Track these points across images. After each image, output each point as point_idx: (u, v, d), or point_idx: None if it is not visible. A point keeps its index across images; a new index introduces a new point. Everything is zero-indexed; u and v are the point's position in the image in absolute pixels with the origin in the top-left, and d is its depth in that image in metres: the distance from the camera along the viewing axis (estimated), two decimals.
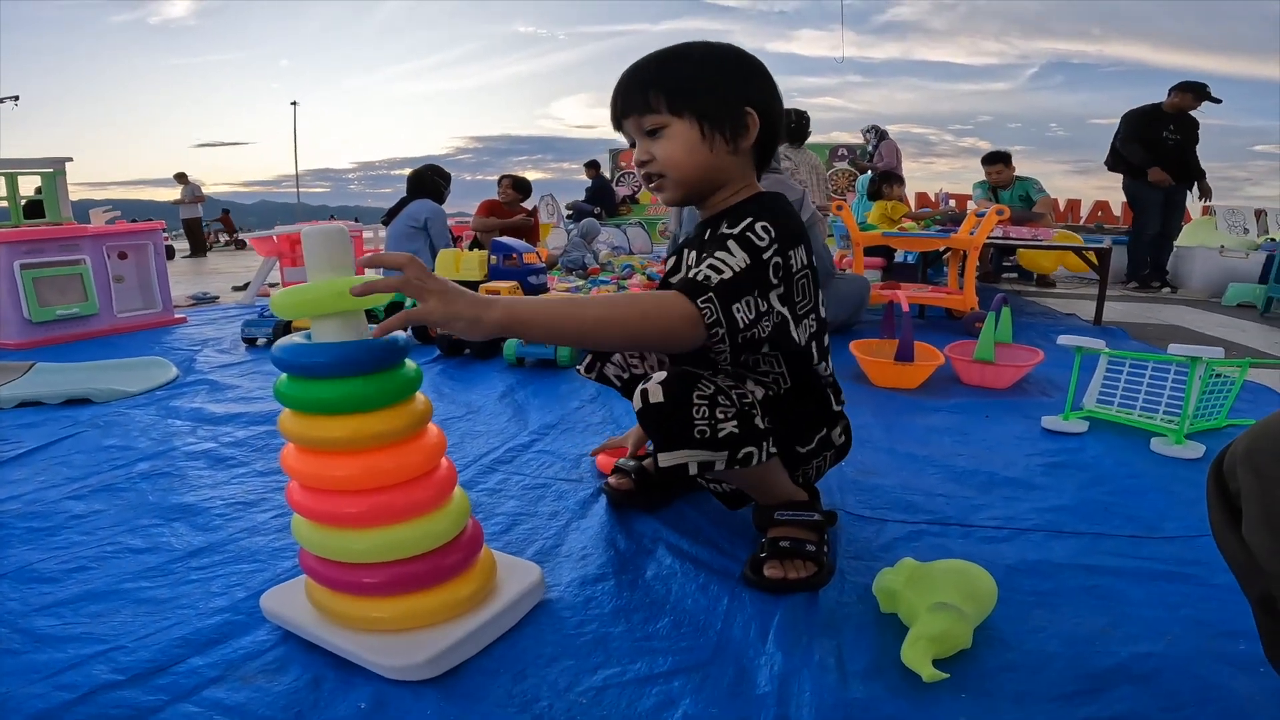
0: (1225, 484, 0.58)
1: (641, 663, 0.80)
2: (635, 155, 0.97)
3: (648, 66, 0.94)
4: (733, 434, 0.88)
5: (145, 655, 0.81)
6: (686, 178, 0.94)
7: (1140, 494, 1.26)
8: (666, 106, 0.91)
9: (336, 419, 0.77)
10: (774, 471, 0.99)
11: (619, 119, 0.97)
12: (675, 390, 0.88)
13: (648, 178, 0.97)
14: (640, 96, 0.92)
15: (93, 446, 1.55)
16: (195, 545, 1.09)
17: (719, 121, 0.92)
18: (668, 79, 0.92)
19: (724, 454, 0.89)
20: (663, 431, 0.89)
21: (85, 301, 2.92)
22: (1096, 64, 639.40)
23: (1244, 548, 0.56)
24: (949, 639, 0.77)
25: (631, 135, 0.97)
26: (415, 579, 0.80)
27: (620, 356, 1.19)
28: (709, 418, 0.87)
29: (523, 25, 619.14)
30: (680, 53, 0.94)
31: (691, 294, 0.81)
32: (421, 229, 3.85)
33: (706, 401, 0.87)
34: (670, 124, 0.92)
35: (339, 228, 0.77)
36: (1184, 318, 3.51)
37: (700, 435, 0.87)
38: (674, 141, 0.92)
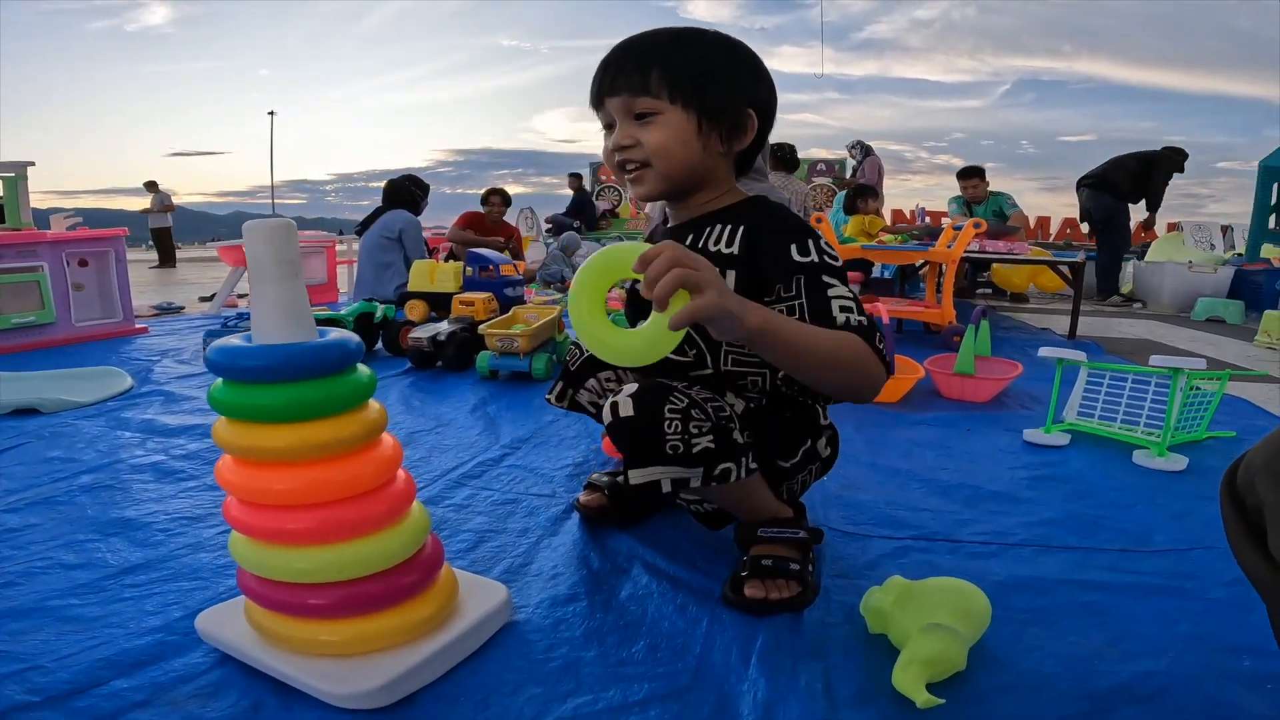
0: (1242, 498, 0.55)
1: (615, 690, 0.74)
2: (615, 138, 0.88)
3: (653, 44, 0.87)
4: (708, 449, 0.82)
5: (64, 676, 0.75)
6: (672, 172, 0.88)
7: (1127, 507, 1.23)
8: (667, 92, 0.85)
9: (279, 428, 0.71)
10: (755, 488, 0.94)
11: (604, 94, 0.88)
12: (646, 404, 0.82)
13: (623, 165, 0.89)
14: (639, 76, 0.85)
15: (35, 458, 1.46)
16: (132, 561, 1.01)
17: (718, 118, 0.87)
18: (674, 63, 0.85)
19: (699, 470, 0.83)
20: (633, 447, 0.83)
21: (42, 309, 2.81)
22: (1066, 80, 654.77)
23: (1271, 566, 0.53)
24: (943, 661, 0.73)
25: (612, 115, 0.89)
26: (367, 600, 0.73)
27: (595, 382, 1.11)
28: (682, 432, 0.81)
29: (506, 38, 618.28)
30: (691, 37, 0.87)
31: (869, 338, 0.81)
32: (396, 240, 3.78)
33: (679, 416, 0.81)
34: (666, 111, 0.85)
35: (286, 221, 0.71)
36: (1155, 332, 3.54)
37: (673, 451, 0.81)
38: (667, 130, 0.86)
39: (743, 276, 0.89)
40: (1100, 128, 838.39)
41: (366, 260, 3.77)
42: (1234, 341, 3.29)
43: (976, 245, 3.30)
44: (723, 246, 0.91)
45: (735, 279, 0.89)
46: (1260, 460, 0.51)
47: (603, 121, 0.91)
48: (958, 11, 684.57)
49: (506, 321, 2.31)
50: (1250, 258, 5.28)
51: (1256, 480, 0.51)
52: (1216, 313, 4.07)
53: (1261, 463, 0.51)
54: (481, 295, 2.54)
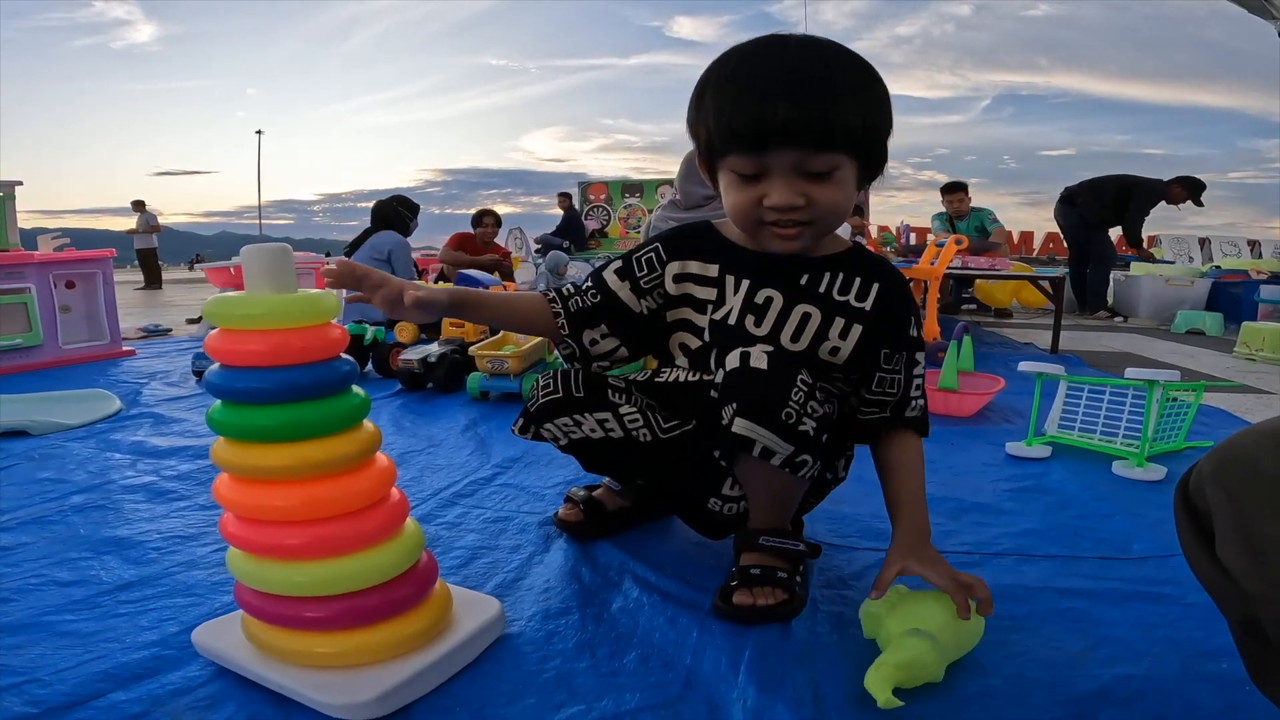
0: (1193, 505, 0.57)
1: (608, 700, 0.75)
2: (780, 197, 0.78)
3: (833, 87, 0.75)
4: (807, 435, 0.82)
5: (62, 689, 0.76)
6: (832, 227, 0.84)
7: (1106, 517, 1.25)
8: (849, 147, 0.77)
9: (277, 447, 0.72)
10: (798, 492, 0.94)
11: (772, 142, 0.76)
12: (781, 365, 0.80)
13: (779, 223, 0.81)
14: (824, 128, 0.74)
15: (25, 479, 1.46)
16: (126, 579, 1.02)
17: (874, 166, 0.82)
18: (858, 114, 0.76)
19: (790, 450, 0.82)
20: (752, 397, 0.80)
21: (29, 332, 2.80)
22: (1044, 95, 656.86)
23: (1219, 569, 0.55)
24: (917, 667, 0.74)
25: (770, 168, 0.78)
26: (363, 613, 0.75)
27: (553, 428, 1.03)
28: (801, 405, 0.80)
29: (493, 58, 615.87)
30: (862, 75, 0.79)
31: (922, 431, 0.97)
32: (385, 261, 3.79)
33: (805, 390, 0.81)
34: (843, 166, 0.78)
35: (282, 246, 0.73)
36: (1135, 345, 3.60)
37: (786, 418, 0.79)
38: (843, 188, 0.79)
39: (868, 333, 0.91)
40: (1078, 141, 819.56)
41: None
42: (1213, 353, 3.35)
43: (959, 261, 3.35)
44: (852, 299, 0.91)
45: (861, 334, 0.91)
46: (1209, 469, 0.54)
47: (747, 170, 0.79)
48: (937, 28, 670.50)
49: (497, 343, 2.32)
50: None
51: (1206, 488, 0.54)
52: (1196, 325, 4.14)
53: (1210, 472, 0.54)
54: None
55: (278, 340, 0.71)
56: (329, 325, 0.75)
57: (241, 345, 0.71)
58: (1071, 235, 5.05)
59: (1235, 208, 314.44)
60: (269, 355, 0.71)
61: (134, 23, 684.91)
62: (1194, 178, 4.81)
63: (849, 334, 0.91)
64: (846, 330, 0.91)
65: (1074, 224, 4.93)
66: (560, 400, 1.02)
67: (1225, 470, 0.53)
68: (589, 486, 1.20)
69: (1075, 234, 4.99)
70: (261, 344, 0.70)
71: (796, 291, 0.91)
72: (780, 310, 0.91)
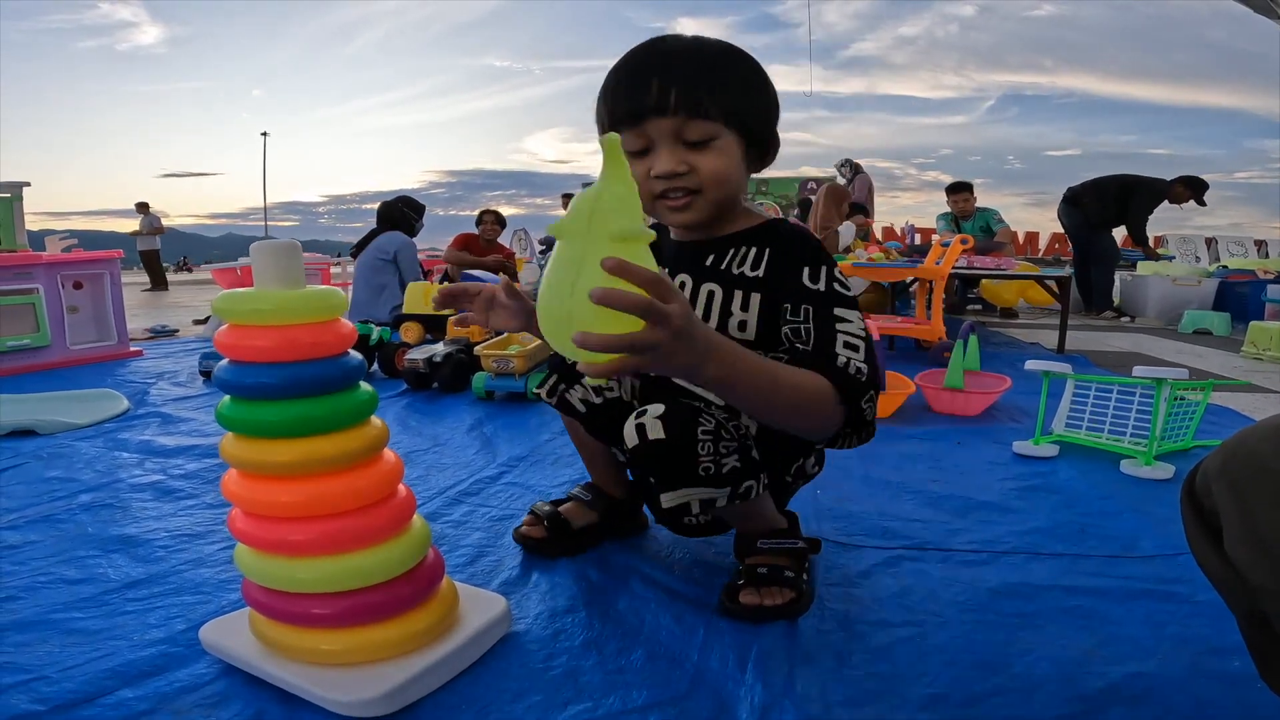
0: (1200, 502, 0.58)
1: (615, 697, 0.75)
2: (662, 165, 0.81)
3: (703, 61, 0.81)
4: (735, 468, 0.83)
5: (70, 686, 0.76)
6: (723, 199, 0.85)
7: (1114, 515, 1.25)
8: (723, 116, 0.80)
9: (286, 443, 0.72)
10: (764, 501, 0.95)
11: (648, 113, 0.80)
12: (677, 426, 0.80)
13: (668, 193, 0.83)
14: (692, 98, 0.79)
15: (34, 478, 1.47)
16: (134, 576, 1.02)
17: (759, 141, 0.85)
18: (729, 84, 0.81)
19: (727, 490, 0.84)
20: (664, 470, 0.82)
21: (37, 333, 2.81)
22: (1049, 95, 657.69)
23: (1227, 564, 0.56)
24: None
25: (652, 138, 0.82)
26: (369, 610, 0.75)
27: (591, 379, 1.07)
28: (713, 453, 0.81)
29: (497, 59, 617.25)
30: (735, 56, 0.83)
31: (853, 393, 0.78)
32: (390, 262, 3.79)
33: (711, 437, 0.81)
34: (722, 136, 0.81)
35: (291, 242, 0.74)
36: (1142, 344, 3.58)
37: (705, 472, 0.81)
38: (725, 156, 0.82)
39: (767, 299, 0.89)
40: (1083, 142, 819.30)
41: (361, 282, 3.79)
42: (1220, 353, 3.33)
43: (965, 261, 3.34)
44: (747, 269, 0.90)
45: (760, 301, 0.89)
46: (1215, 466, 0.54)
47: (634, 146, 0.83)
48: (941, 29, 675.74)
49: (502, 343, 2.32)
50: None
51: (1212, 485, 0.54)
52: (1203, 325, 4.12)
53: (1216, 468, 0.54)
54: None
55: (286, 336, 0.71)
56: (337, 321, 0.75)
57: (250, 341, 0.71)
58: (1075, 235, 5.04)
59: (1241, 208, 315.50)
60: (278, 350, 0.71)
61: (139, 24, 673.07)
62: (1197, 177, 4.79)
63: (749, 305, 0.89)
64: (746, 301, 0.89)
65: (1078, 224, 4.92)
66: None
67: (1231, 467, 0.53)
68: (555, 501, 1.15)
69: (1079, 234, 4.97)
70: (270, 339, 0.71)
71: (703, 272, 0.91)
72: (690, 294, 0.92)
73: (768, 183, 12.14)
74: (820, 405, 0.77)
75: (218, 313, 0.73)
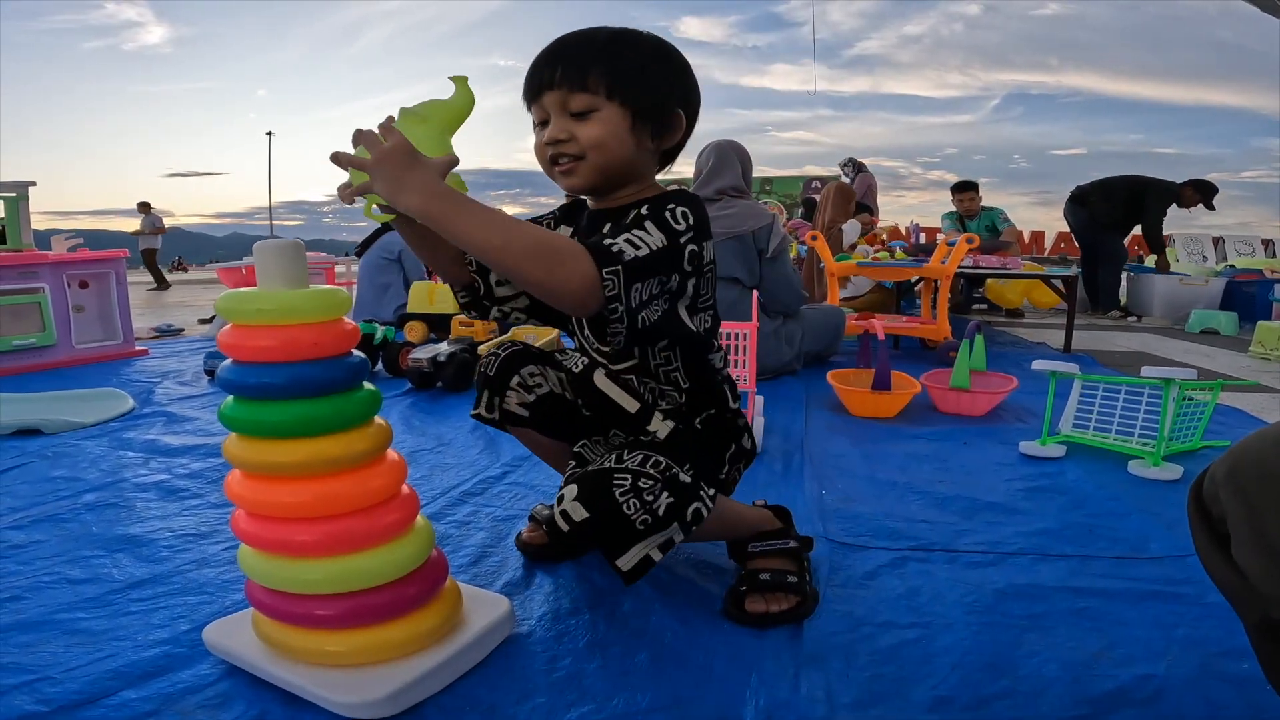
0: (1208, 509, 0.57)
1: (619, 699, 0.75)
2: (550, 133, 0.88)
3: (589, 44, 0.88)
4: (670, 503, 0.83)
5: (73, 687, 0.76)
6: (607, 165, 0.88)
7: (1122, 516, 1.24)
8: (605, 90, 0.86)
9: (290, 443, 0.72)
10: (726, 510, 0.95)
11: (542, 89, 0.88)
12: (596, 499, 0.81)
13: (556, 159, 0.89)
14: (576, 73, 0.86)
15: (38, 477, 1.47)
16: (138, 576, 1.02)
17: (650, 116, 0.89)
18: (611, 63, 0.86)
19: (675, 525, 0.84)
20: (605, 541, 0.83)
21: (43, 332, 2.82)
22: (1054, 94, 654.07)
23: (1235, 571, 0.55)
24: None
25: (547, 111, 0.89)
26: (373, 611, 0.74)
27: (519, 379, 1.03)
28: (642, 505, 0.81)
29: (501, 59, 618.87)
30: (628, 38, 0.89)
31: (600, 260, 0.75)
32: (395, 261, 3.80)
33: (631, 492, 0.81)
34: (602, 108, 0.86)
35: (294, 241, 0.73)
36: (1149, 344, 3.56)
37: (644, 525, 0.81)
38: (604, 126, 0.87)
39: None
40: (1089, 141, 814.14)
41: (366, 281, 3.80)
42: (1228, 353, 3.31)
43: (970, 261, 3.33)
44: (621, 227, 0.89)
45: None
46: (1223, 472, 0.54)
47: (536, 118, 0.92)
48: (945, 28, 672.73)
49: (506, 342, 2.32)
50: None
51: (1220, 491, 0.54)
52: (1210, 325, 4.10)
53: (1224, 475, 0.54)
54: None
55: (289, 335, 0.71)
56: (340, 321, 0.75)
57: (254, 340, 0.71)
58: (1081, 235, 5.02)
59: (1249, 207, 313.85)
60: (281, 350, 0.71)
61: (145, 24, 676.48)
62: (1206, 181, 4.77)
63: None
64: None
65: (1083, 223, 4.90)
66: (521, 351, 1.06)
67: (1239, 473, 0.53)
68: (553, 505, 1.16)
69: (1084, 233, 4.96)
70: (273, 339, 0.71)
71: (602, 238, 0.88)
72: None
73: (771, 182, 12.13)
74: (562, 255, 0.75)
75: (220, 312, 0.72)
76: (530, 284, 0.76)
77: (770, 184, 11.97)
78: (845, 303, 3.88)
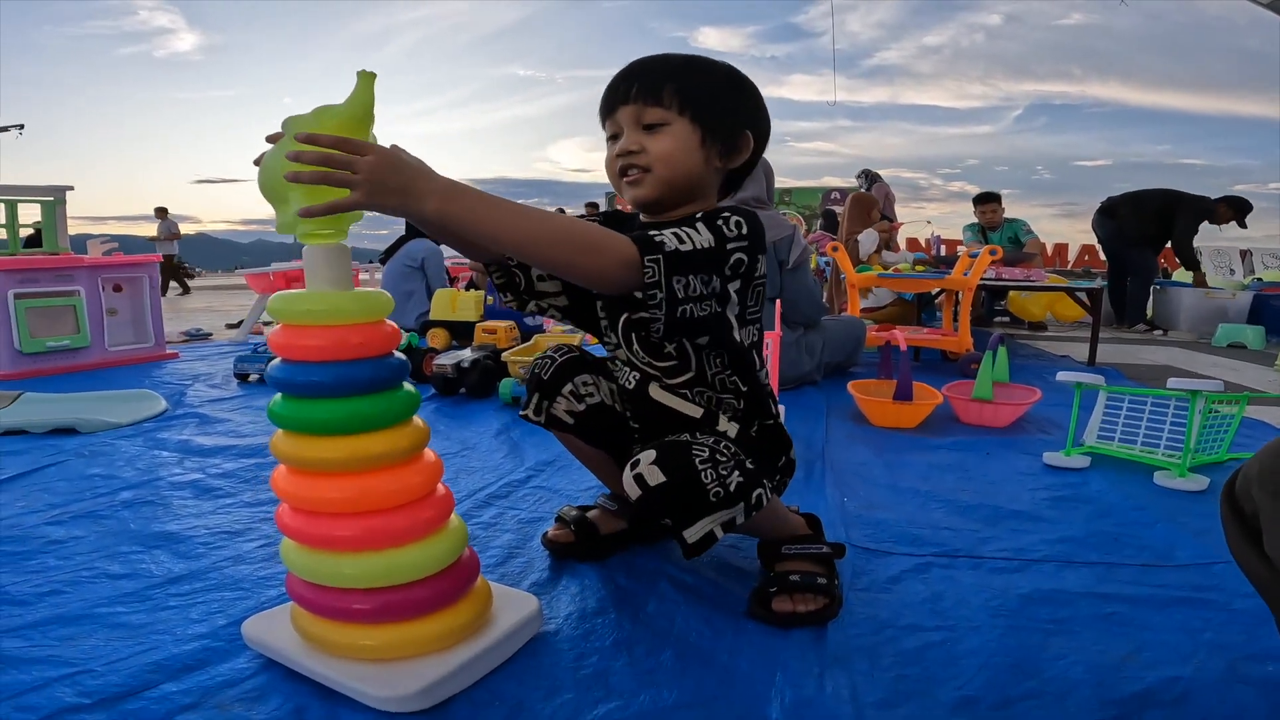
0: (1240, 505, 0.59)
1: (645, 696, 0.76)
2: (621, 144, 0.92)
3: (667, 64, 0.93)
4: (741, 483, 0.85)
5: (114, 680, 0.78)
6: (672, 178, 0.91)
7: (1148, 525, 1.24)
8: (677, 106, 0.90)
9: (335, 440, 0.75)
10: (775, 507, 0.97)
11: (617, 103, 0.92)
12: (675, 464, 0.83)
13: (625, 170, 0.92)
14: (651, 88, 0.90)
15: (76, 475, 1.51)
16: (176, 572, 1.05)
17: (720, 135, 0.92)
18: (686, 81, 0.91)
19: (741, 505, 0.86)
20: (678, 509, 0.85)
21: (77, 334, 2.89)
22: (1078, 104, 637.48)
23: (1267, 565, 0.56)
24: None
25: (621, 125, 0.93)
26: (408, 606, 0.76)
27: (571, 386, 1.05)
28: (717, 477, 0.84)
29: (521, 68, 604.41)
30: (704, 63, 0.94)
31: (642, 248, 0.77)
32: (418, 269, 3.85)
33: (709, 463, 0.84)
34: (673, 123, 0.90)
35: (341, 245, 0.76)
36: (1175, 358, 3.52)
37: (716, 497, 0.84)
38: (674, 140, 0.90)
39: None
40: (1115, 152, 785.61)
41: (389, 288, 3.84)
42: (1255, 367, 3.27)
43: (993, 273, 3.32)
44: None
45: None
46: (1255, 471, 0.55)
47: (609, 132, 0.95)
48: (966, 38, 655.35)
49: (529, 349, 2.35)
50: None
51: (1253, 489, 0.55)
52: (1237, 338, 4.04)
53: (1256, 473, 0.55)
54: (504, 323, 2.59)
55: (337, 336, 0.73)
56: (384, 322, 0.77)
57: (303, 340, 0.74)
58: (1108, 247, 4.97)
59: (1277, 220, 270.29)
60: (329, 350, 0.73)
61: (176, 31, 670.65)
62: (1241, 198, 4.70)
63: None
64: None
65: (1111, 236, 4.85)
66: (578, 358, 1.07)
67: (1272, 471, 0.54)
68: (582, 507, 1.16)
69: (1112, 246, 4.91)
70: (322, 339, 0.73)
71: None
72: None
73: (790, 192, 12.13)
74: (601, 239, 0.77)
75: (272, 313, 0.75)
76: (569, 269, 0.78)
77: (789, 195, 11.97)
78: (865, 314, 3.87)
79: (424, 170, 0.72)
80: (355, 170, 0.67)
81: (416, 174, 0.71)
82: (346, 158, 0.67)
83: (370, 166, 0.68)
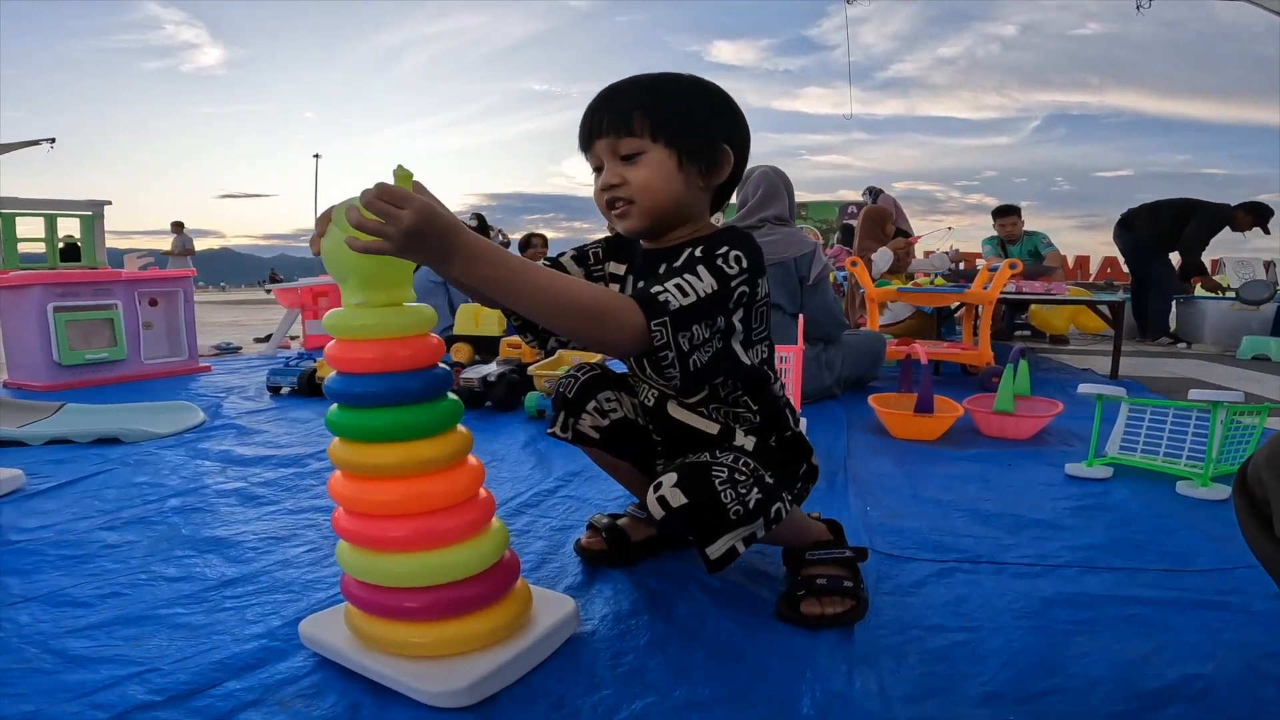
0: (1252, 492, 0.62)
1: (681, 691, 0.79)
2: (603, 179, 0.92)
3: (633, 90, 0.92)
4: (760, 499, 0.89)
5: (182, 678, 0.82)
6: (656, 206, 0.91)
7: (1170, 532, 1.25)
8: (649, 133, 0.89)
9: (388, 446, 0.79)
10: (796, 517, 1.00)
11: (593, 136, 0.92)
12: (695, 485, 0.86)
13: (611, 204, 0.93)
14: (621, 119, 0.90)
15: (123, 482, 1.57)
16: (229, 576, 1.10)
17: (697, 155, 0.91)
18: (654, 106, 0.90)
19: (760, 520, 0.90)
20: (700, 529, 0.88)
21: (114, 347, 2.97)
22: (1097, 114, 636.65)
23: (1277, 546, 0.60)
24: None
25: (600, 158, 0.93)
26: (455, 604, 0.81)
27: (595, 403, 1.10)
28: (736, 497, 0.87)
29: (536, 83, 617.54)
30: (668, 82, 0.92)
31: (648, 311, 0.79)
32: (441, 284, 3.91)
33: (729, 483, 0.87)
34: (649, 150, 0.90)
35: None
36: (1198, 371, 3.51)
37: (736, 515, 0.87)
38: (651, 169, 0.90)
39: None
40: (1135, 162, 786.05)
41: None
42: (1278, 379, 3.25)
43: (1013, 286, 3.32)
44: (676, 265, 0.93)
45: None
46: (1265, 457, 0.59)
47: (592, 165, 0.96)
48: (981, 49, 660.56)
49: (554, 364, 2.40)
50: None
51: (1263, 474, 0.59)
52: (1262, 350, 4.01)
53: (1265, 458, 0.59)
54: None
55: (388, 349, 0.78)
56: (429, 335, 0.82)
57: (358, 354, 0.79)
58: (1129, 259, 4.96)
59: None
60: (381, 362, 0.79)
61: (201, 45, 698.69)
62: (1261, 203, 4.63)
63: None
64: None
65: (1130, 248, 4.84)
66: (600, 375, 1.11)
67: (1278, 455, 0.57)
68: (612, 515, 1.20)
69: (1132, 258, 4.89)
70: (374, 352, 0.78)
71: (654, 279, 0.92)
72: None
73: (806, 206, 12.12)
74: (612, 312, 0.79)
75: (328, 329, 0.80)
76: (579, 337, 0.82)
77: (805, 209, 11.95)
78: (884, 329, 3.89)
79: (454, 231, 0.72)
80: (392, 222, 0.69)
81: (445, 233, 0.71)
82: (385, 208, 0.69)
83: (407, 222, 0.69)
